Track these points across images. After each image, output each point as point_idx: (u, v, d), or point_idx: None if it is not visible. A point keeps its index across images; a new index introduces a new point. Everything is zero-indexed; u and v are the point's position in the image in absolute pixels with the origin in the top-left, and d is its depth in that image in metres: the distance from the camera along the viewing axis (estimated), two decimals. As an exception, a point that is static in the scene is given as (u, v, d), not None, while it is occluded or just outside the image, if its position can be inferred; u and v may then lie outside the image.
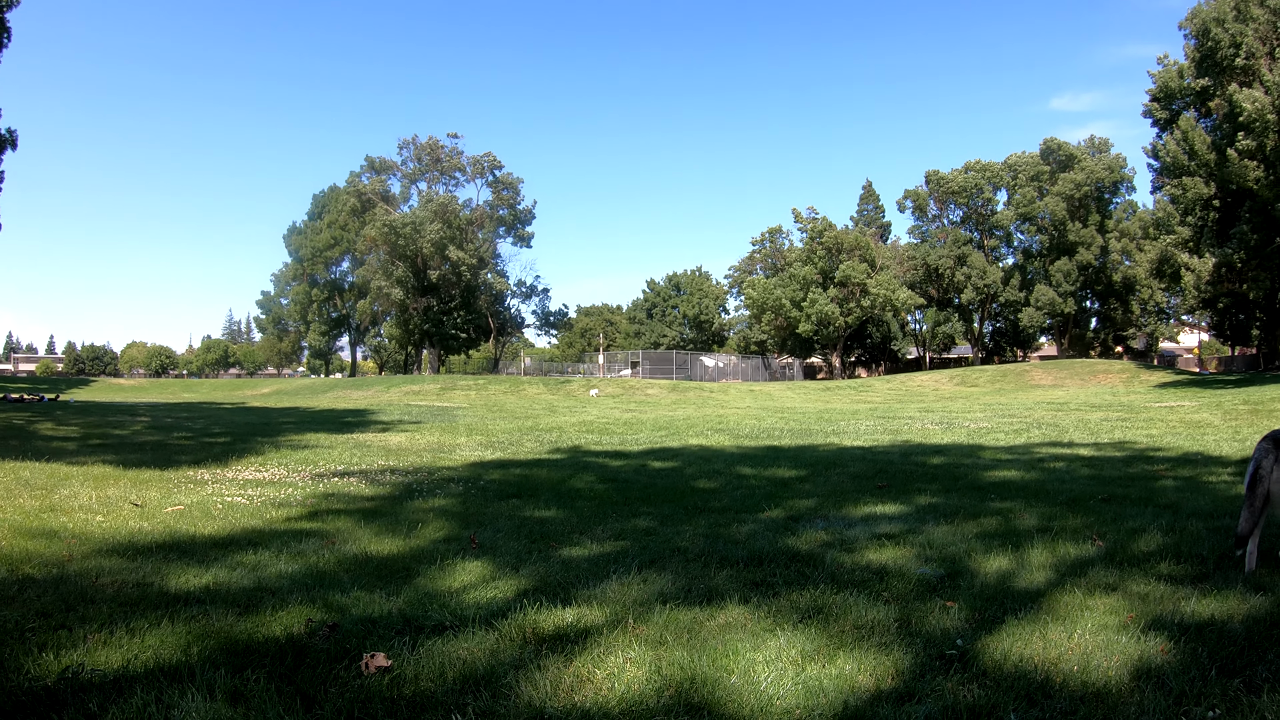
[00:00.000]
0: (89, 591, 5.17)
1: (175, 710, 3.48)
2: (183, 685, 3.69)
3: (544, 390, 59.02)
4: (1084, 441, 16.48)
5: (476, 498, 9.61)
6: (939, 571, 5.75)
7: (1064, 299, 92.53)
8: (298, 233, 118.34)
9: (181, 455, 14.25)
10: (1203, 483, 10.15)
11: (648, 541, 6.95)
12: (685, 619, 4.71)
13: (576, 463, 13.57)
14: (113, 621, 4.55)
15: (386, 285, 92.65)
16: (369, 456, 14.39)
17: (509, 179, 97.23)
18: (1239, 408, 26.56)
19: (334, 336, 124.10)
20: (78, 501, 8.76)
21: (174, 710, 3.48)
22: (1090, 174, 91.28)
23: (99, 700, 3.55)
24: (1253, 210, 48.83)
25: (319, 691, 3.68)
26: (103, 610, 4.78)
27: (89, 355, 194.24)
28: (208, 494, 9.59)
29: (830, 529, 7.43)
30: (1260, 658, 4.07)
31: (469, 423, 26.55)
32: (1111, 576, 5.56)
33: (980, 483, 10.43)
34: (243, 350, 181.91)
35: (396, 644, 4.26)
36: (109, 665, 3.94)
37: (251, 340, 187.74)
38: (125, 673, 3.85)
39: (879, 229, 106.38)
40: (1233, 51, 45.69)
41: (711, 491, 10.04)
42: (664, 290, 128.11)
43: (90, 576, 5.54)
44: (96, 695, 3.60)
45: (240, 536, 7.13)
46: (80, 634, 4.33)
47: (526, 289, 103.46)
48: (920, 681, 3.84)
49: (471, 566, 6.02)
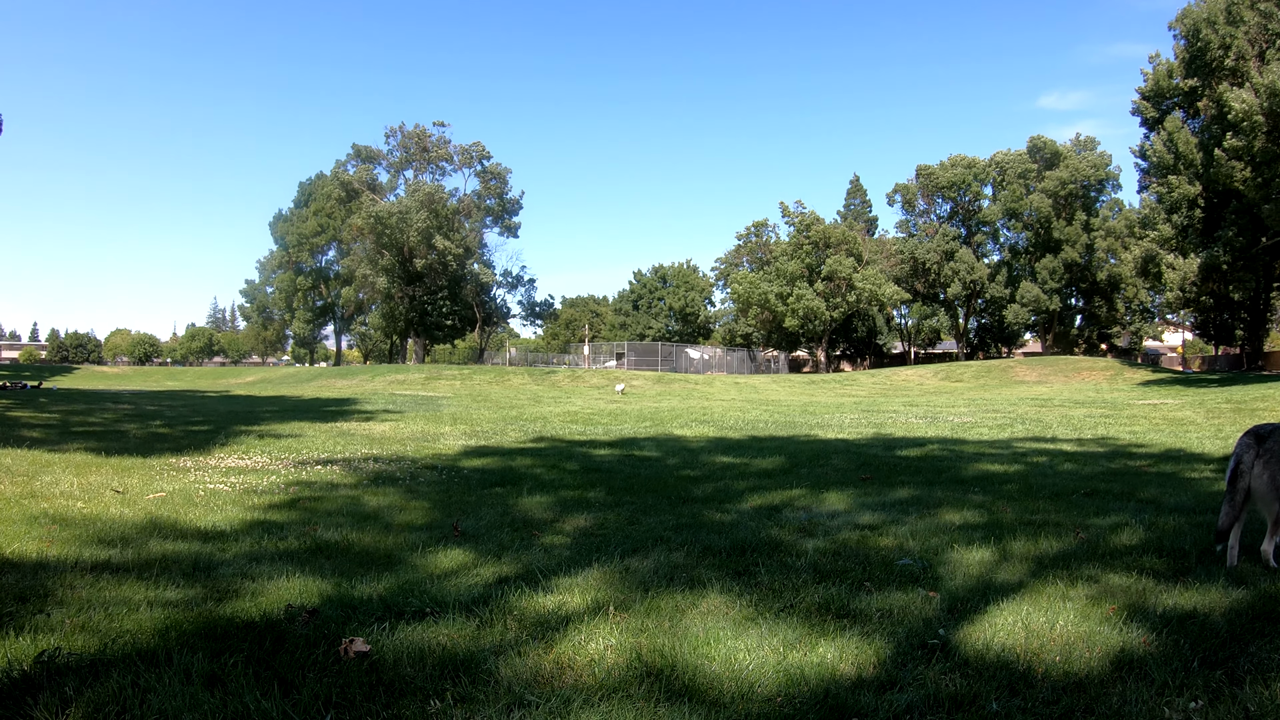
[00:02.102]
0: (68, 577, 5.13)
1: (151, 694, 3.45)
2: (160, 669, 3.67)
3: (529, 380, 58.97)
4: (1067, 437, 16.53)
5: (459, 486, 9.58)
6: (921, 562, 5.75)
7: (1049, 296, 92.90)
8: (284, 220, 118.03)
9: (164, 443, 14.17)
10: (1185, 479, 10.19)
11: (630, 530, 6.94)
12: (667, 606, 4.70)
13: (560, 452, 13.55)
14: (91, 606, 4.52)
15: (372, 274, 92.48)
16: (352, 445, 14.34)
17: (497, 169, 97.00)
18: (1222, 406, 26.68)
19: (319, 325, 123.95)
20: (59, 488, 8.70)
21: (150, 694, 3.45)
22: (1076, 172, 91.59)
23: (75, 684, 3.52)
24: (1238, 211, 49.11)
25: (297, 676, 3.65)
26: (81, 595, 4.75)
27: (73, 343, 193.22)
28: (190, 481, 9.53)
29: (813, 520, 7.43)
30: (1242, 650, 4.08)
31: (453, 412, 26.51)
32: (1093, 569, 5.56)
33: (963, 476, 10.45)
34: (227, 338, 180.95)
35: (376, 630, 4.24)
36: (86, 649, 3.91)
37: (236, 328, 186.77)
38: (102, 657, 3.82)
39: (866, 223, 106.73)
40: (1222, 53, 45.89)
41: (695, 481, 10.03)
42: (650, 282, 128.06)
43: (70, 562, 5.51)
44: (73, 679, 3.57)
45: (221, 523, 7.10)
46: (58, 619, 4.30)
47: (513, 279, 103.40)
48: (902, 670, 3.83)
49: (453, 554, 6.00)
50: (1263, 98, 41.83)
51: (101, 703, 3.39)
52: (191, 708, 3.36)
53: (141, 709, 3.36)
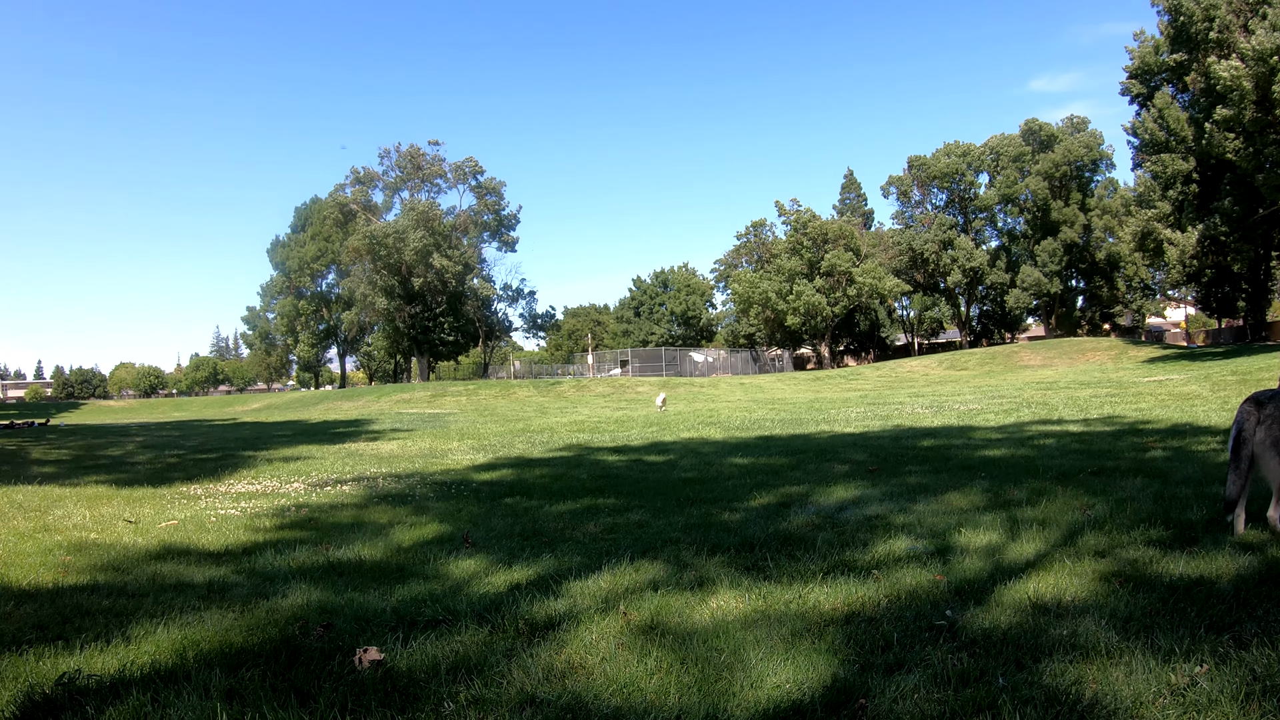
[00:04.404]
0: (84, 604, 5.19)
1: (171, 709, 3.50)
2: (179, 686, 3.72)
3: (534, 393, 59.05)
4: (1073, 418, 16.55)
5: (469, 499, 9.61)
6: (929, 548, 5.79)
7: (1050, 279, 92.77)
8: (282, 246, 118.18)
9: (174, 473, 14.23)
10: (1192, 452, 10.22)
11: (640, 533, 6.98)
12: (677, 604, 4.74)
13: (568, 461, 13.59)
14: (109, 630, 4.57)
15: (372, 295, 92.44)
16: (361, 464, 14.38)
17: (491, 183, 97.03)
18: (1227, 379, 26.71)
19: (323, 348, 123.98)
20: (71, 521, 8.76)
21: (169, 709, 3.50)
22: (1070, 153, 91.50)
23: (96, 703, 3.58)
24: (1233, 182, 49.12)
25: (313, 686, 3.70)
26: (99, 621, 4.80)
27: (78, 379, 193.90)
28: (201, 508, 9.58)
29: (821, 513, 7.47)
30: (1249, 614, 4.11)
31: (460, 427, 26.56)
32: (1101, 543, 5.60)
33: (970, 462, 10.47)
34: (231, 367, 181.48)
35: (390, 639, 4.29)
36: (106, 670, 3.97)
37: (240, 356, 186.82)
38: (122, 677, 3.88)
39: (862, 217, 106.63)
40: (1206, 25, 45.89)
41: (704, 482, 10.06)
42: (650, 288, 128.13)
43: (85, 590, 5.56)
44: (93, 699, 3.62)
45: (234, 546, 7.14)
46: (76, 643, 4.36)
47: (513, 292, 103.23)
48: (909, 652, 3.87)
49: (465, 564, 6.05)
50: (1251, 64, 41.82)
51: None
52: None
53: (162, 725, 3.41)
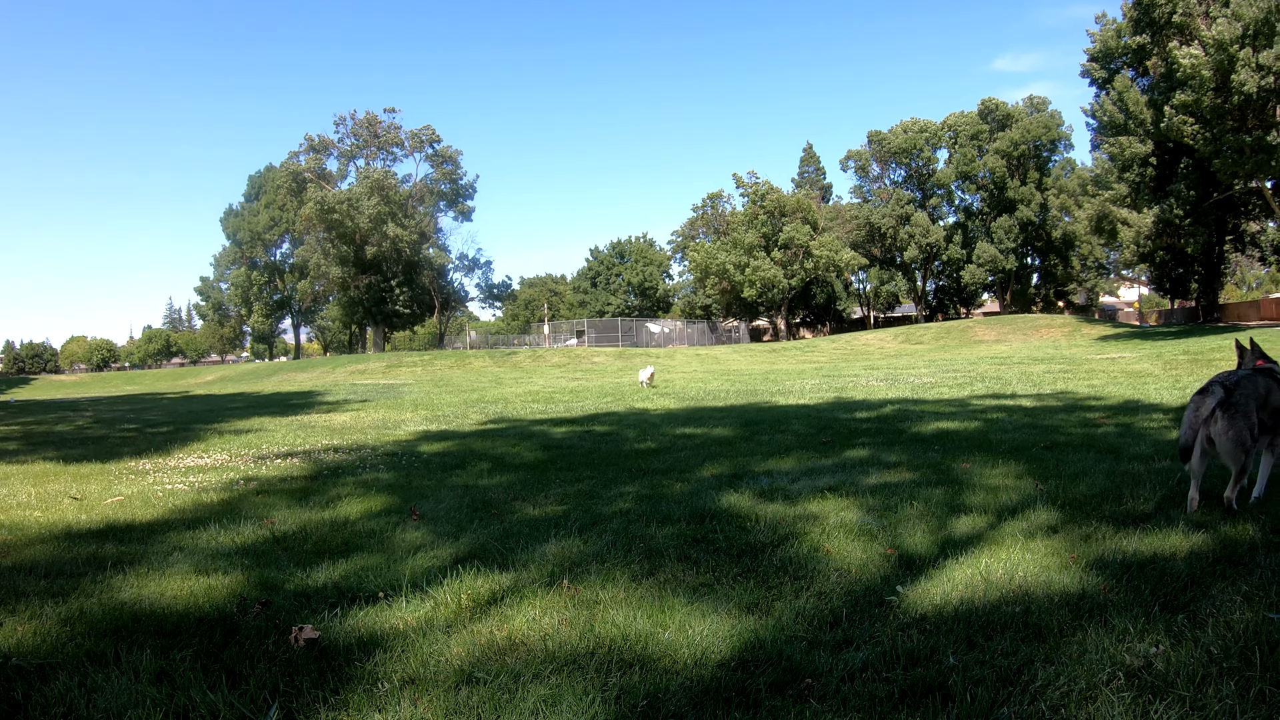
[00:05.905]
0: (20, 584, 5.04)
1: (98, 693, 3.41)
2: (108, 668, 3.63)
3: (490, 363, 58.89)
4: (1026, 393, 16.66)
5: (419, 471, 9.51)
6: (880, 521, 5.76)
7: (1005, 256, 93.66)
8: (235, 215, 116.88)
9: (124, 448, 13.97)
10: (1143, 429, 10.28)
11: (589, 504, 6.91)
12: (622, 577, 4.68)
13: (520, 432, 13.49)
14: (43, 612, 4.44)
15: (326, 264, 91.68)
16: (313, 436, 14.22)
17: (448, 152, 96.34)
18: (1179, 358, 27.04)
19: (277, 319, 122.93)
20: (15, 499, 8.54)
21: (96, 693, 3.41)
22: (1028, 132, 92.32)
23: (23, 688, 3.48)
24: (1190, 167, 49.64)
25: (245, 667, 3.60)
26: (34, 601, 4.66)
27: (28, 353, 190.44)
28: (149, 483, 9.39)
29: (773, 484, 7.42)
30: (1204, 593, 4.09)
31: (415, 398, 26.38)
32: (1053, 519, 5.59)
33: (923, 435, 10.49)
34: (185, 339, 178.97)
35: (328, 616, 4.20)
36: (37, 653, 3.85)
37: (193, 328, 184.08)
38: (52, 660, 3.76)
39: (821, 190, 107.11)
40: (1170, 8, 46.09)
41: (655, 453, 10.02)
42: (608, 258, 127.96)
43: (23, 569, 5.41)
44: (21, 683, 3.52)
45: (178, 521, 6.99)
46: (10, 626, 4.23)
47: (469, 262, 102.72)
48: (858, 629, 3.83)
49: (411, 537, 5.95)
50: (1211, 53, 42.13)
51: (48, 705, 3.36)
52: (136, 704, 3.32)
53: (88, 709, 3.31)
